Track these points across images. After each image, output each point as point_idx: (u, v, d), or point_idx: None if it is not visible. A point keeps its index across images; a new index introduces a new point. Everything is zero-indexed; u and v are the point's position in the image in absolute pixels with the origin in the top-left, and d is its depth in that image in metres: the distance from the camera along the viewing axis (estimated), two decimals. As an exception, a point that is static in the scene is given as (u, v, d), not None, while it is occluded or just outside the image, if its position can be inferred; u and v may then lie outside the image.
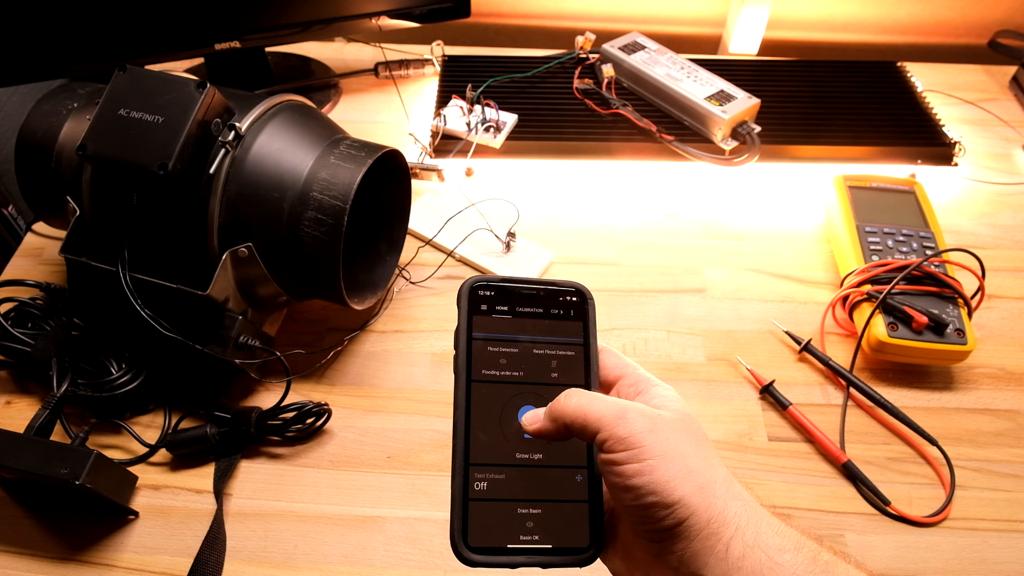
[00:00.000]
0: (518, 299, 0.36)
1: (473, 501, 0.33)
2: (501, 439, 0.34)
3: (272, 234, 0.55)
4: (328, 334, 0.66)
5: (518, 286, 0.36)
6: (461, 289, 0.36)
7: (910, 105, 0.86)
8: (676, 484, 0.30)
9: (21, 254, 0.73)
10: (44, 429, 0.54)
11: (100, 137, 0.52)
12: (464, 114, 0.81)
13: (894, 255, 0.66)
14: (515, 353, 0.36)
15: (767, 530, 0.30)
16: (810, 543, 0.30)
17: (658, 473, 0.30)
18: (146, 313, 0.53)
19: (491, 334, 0.36)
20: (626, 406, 0.32)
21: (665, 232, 0.76)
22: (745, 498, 0.31)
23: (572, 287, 0.37)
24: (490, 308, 0.36)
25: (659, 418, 0.32)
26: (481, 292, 0.36)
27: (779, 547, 0.30)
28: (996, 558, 0.53)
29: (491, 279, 0.36)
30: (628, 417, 0.31)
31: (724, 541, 0.30)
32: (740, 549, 0.29)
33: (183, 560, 0.52)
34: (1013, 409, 0.62)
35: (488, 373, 0.35)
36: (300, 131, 0.58)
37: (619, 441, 0.31)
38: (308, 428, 0.58)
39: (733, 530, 0.30)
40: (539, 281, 0.37)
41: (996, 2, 1.02)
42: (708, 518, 0.30)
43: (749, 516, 0.30)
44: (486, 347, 0.35)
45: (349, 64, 0.95)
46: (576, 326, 0.36)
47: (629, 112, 0.82)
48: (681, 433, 0.32)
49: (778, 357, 0.65)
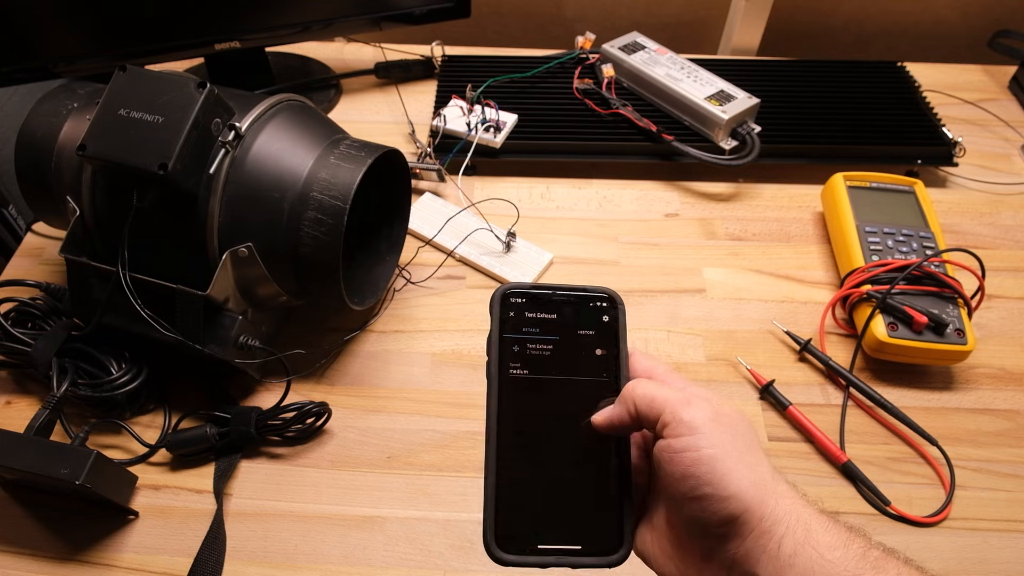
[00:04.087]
0: (549, 305, 0.37)
1: (504, 502, 0.33)
2: (533, 442, 0.35)
3: (272, 234, 0.55)
4: (328, 334, 0.66)
5: (549, 292, 0.37)
6: (493, 296, 0.37)
7: (910, 105, 0.86)
8: (732, 478, 0.30)
9: (21, 254, 0.73)
10: (44, 429, 0.54)
11: (100, 137, 0.52)
12: (464, 114, 0.81)
13: (894, 255, 0.66)
14: (546, 358, 0.36)
15: (817, 527, 0.30)
16: (859, 539, 0.30)
17: (717, 463, 0.30)
18: (146, 313, 0.53)
19: (523, 339, 0.36)
20: (692, 393, 0.32)
21: (665, 232, 0.76)
22: (794, 495, 0.31)
23: (603, 292, 0.38)
24: (522, 314, 0.37)
25: (721, 410, 0.32)
26: (513, 299, 0.37)
27: (829, 544, 0.30)
28: (996, 558, 0.53)
29: (523, 286, 0.37)
30: (693, 403, 0.31)
31: (776, 539, 0.30)
32: (792, 547, 0.30)
33: (183, 560, 0.52)
34: (1013, 409, 0.62)
35: (519, 378, 0.36)
36: (300, 131, 0.58)
37: (681, 424, 0.31)
38: (308, 428, 0.58)
39: (784, 528, 0.30)
40: (570, 287, 0.38)
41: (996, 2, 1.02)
42: (761, 515, 0.30)
43: (799, 513, 0.30)
44: (518, 352, 0.36)
45: (349, 64, 0.95)
46: (607, 331, 0.37)
47: (629, 112, 0.82)
48: (738, 427, 0.32)
49: (778, 357, 0.65)
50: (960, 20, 1.04)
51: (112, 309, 0.56)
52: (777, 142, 0.81)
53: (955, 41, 1.06)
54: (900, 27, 1.06)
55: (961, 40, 1.06)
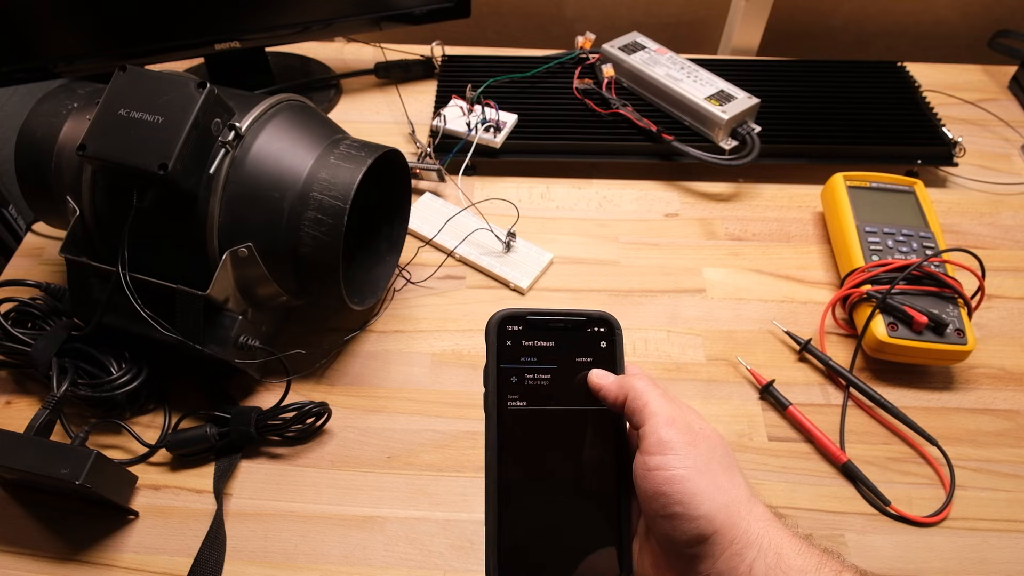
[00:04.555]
0: (546, 333, 0.36)
1: (507, 539, 0.33)
2: (534, 475, 0.35)
3: (272, 234, 0.55)
4: (328, 334, 0.66)
5: (546, 318, 0.36)
6: (489, 324, 0.36)
7: (910, 105, 0.86)
8: (703, 499, 0.31)
9: (21, 254, 0.73)
10: (44, 429, 0.54)
11: (100, 137, 0.52)
12: (464, 114, 0.81)
13: (894, 255, 0.66)
14: (545, 388, 0.35)
15: (789, 551, 0.31)
16: (832, 562, 0.31)
17: (688, 483, 0.31)
18: (146, 313, 0.53)
19: (520, 369, 0.35)
20: (678, 415, 0.33)
21: (665, 232, 0.76)
22: (767, 518, 0.32)
23: (600, 317, 0.37)
24: (519, 343, 0.36)
25: (700, 433, 0.33)
26: (509, 327, 0.36)
27: (801, 568, 0.30)
28: (996, 558, 0.53)
29: (519, 312, 0.36)
30: (676, 425, 0.33)
31: (747, 563, 0.30)
32: (763, 570, 0.30)
33: (183, 560, 0.52)
34: (1013, 409, 0.62)
35: (519, 409, 0.35)
36: (300, 131, 0.58)
37: (659, 442, 0.32)
38: (308, 428, 0.58)
39: (756, 551, 0.30)
40: (567, 312, 0.37)
41: (996, 2, 1.02)
42: (732, 538, 0.31)
43: (771, 537, 0.31)
44: (516, 383, 0.35)
45: (349, 64, 0.95)
46: (605, 357, 0.36)
47: (629, 112, 0.82)
48: (715, 450, 0.33)
49: (778, 357, 0.65)
50: (960, 20, 1.04)
51: (112, 309, 0.56)
52: (777, 142, 0.81)
53: (955, 41, 1.06)
54: (900, 27, 1.06)
55: (961, 40, 1.06)
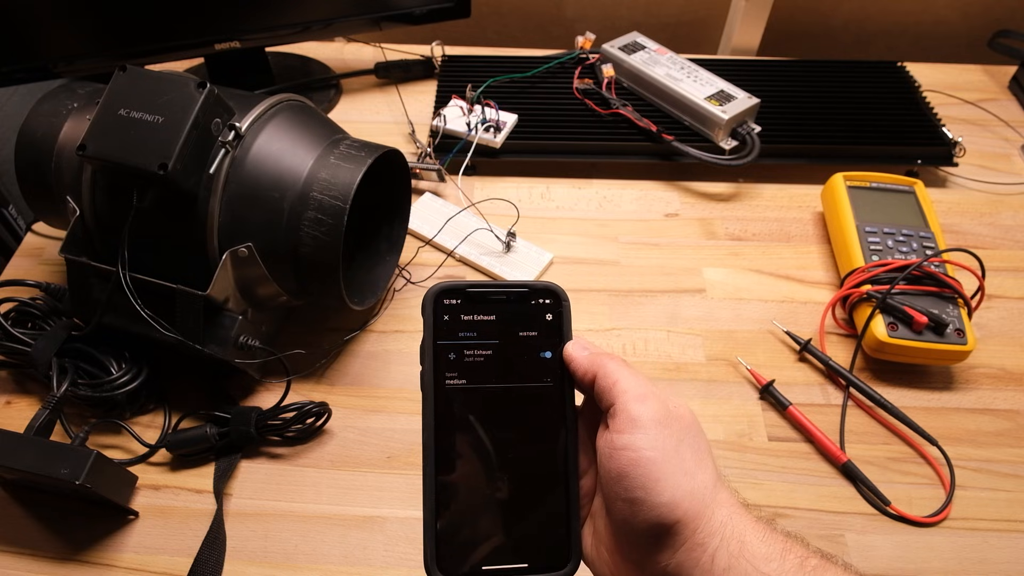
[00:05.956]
0: (487, 306, 0.34)
1: (445, 523, 0.32)
2: (473, 456, 0.33)
3: (272, 234, 0.55)
4: (328, 334, 0.66)
5: (487, 291, 0.34)
6: (425, 298, 0.33)
7: (910, 105, 0.86)
8: (667, 484, 0.29)
9: (21, 254, 0.73)
10: (44, 429, 0.54)
11: (100, 137, 0.52)
12: (464, 114, 0.81)
13: (894, 255, 0.66)
14: (487, 365, 0.33)
15: (752, 538, 0.30)
16: (797, 548, 0.30)
17: (654, 467, 0.29)
18: (146, 313, 0.53)
19: (459, 345, 0.33)
20: (650, 392, 0.31)
21: (665, 232, 0.76)
22: (731, 504, 0.31)
23: (545, 288, 0.34)
24: (457, 317, 0.33)
25: (674, 412, 0.31)
26: (447, 301, 0.34)
27: (765, 555, 0.29)
28: (996, 558, 0.53)
29: (457, 284, 0.34)
30: (647, 402, 0.30)
31: (709, 552, 0.29)
32: (725, 560, 0.29)
33: (183, 560, 0.52)
34: (1013, 409, 0.62)
35: (458, 388, 0.33)
36: (300, 131, 0.58)
37: (628, 419, 0.30)
38: (308, 428, 0.58)
39: (719, 540, 0.29)
40: (509, 284, 0.34)
41: (996, 2, 1.02)
42: (695, 528, 0.29)
43: (735, 524, 0.30)
44: (454, 360, 0.33)
45: (349, 64, 0.95)
46: (551, 331, 0.34)
47: (629, 112, 0.82)
48: (687, 431, 0.31)
49: (778, 357, 0.65)
50: (960, 20, 1.04)
51: (112, 309, 0.56)
52: (777, 142, 0.81)
53: (955, 41, 1.06)
54: (900, 27, 1.06)
55: (961, 40, 1.06)
